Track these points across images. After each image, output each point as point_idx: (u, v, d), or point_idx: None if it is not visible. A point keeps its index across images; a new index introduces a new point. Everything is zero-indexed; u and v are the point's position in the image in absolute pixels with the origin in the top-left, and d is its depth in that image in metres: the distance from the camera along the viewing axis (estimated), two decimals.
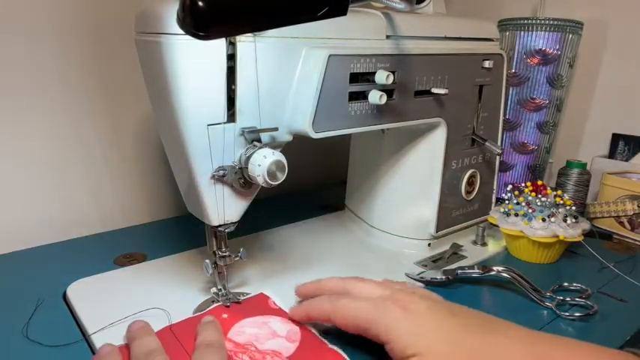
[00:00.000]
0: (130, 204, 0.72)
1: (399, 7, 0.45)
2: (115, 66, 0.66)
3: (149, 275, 0.53)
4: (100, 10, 0.63)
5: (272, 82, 0.42)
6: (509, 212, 0.58)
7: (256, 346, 0.40)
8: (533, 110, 0.75)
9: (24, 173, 0.62)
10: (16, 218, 0.63)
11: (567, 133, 0.88)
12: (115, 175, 0.70)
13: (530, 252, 0.58)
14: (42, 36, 0.60)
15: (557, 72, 0.73)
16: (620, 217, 0.69)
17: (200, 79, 0.38)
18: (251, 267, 0.54)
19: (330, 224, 0.68)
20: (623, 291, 0.52)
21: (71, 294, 0.48)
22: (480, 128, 0.62)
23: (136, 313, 0.44)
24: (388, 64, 0.49)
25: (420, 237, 0.61)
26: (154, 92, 0.42)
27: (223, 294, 0.46)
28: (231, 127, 0.41)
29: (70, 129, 0.64)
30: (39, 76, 0.61)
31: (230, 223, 0.45)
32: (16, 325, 0.44)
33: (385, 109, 0.50)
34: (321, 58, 0.43)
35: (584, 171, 0.73)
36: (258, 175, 0.40)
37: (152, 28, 0.38)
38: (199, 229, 0.46)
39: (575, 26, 0.72)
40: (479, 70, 0.59)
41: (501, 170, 0.79)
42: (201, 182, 0.41)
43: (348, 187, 0.70)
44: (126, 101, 0.68)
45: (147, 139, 0.71)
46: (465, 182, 0.62)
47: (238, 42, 0.39)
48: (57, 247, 0.61)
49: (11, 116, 0.60)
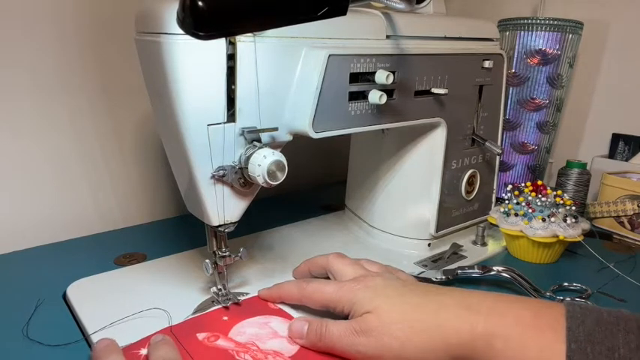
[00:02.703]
0: (130, 204, 0.72)
1: (399, 7, 0.45)
2: (115, 66, 0.66)
3: (149, 275, 0.53)
4: (100, 10, 0.63)
5: (272, 82, 0.42)
6: (509, 212, 0.58)
7: (258, 346, 0.40)
8: (533, 110, 0.75)
9: (24, 173, 0.62)
10: (16, 218, 0.63)
11: (567, 133, 0.88)
12: (115, 175, 0.70)
13: (530, 252, 0.58)
14: (42, 36, 0.60)
15: (557, 72, 0.73)
16: (620, 217, 0.69)
17: (200, 79, 0.38)
18: (251, 267, 0.54)
19: (330, 224, 0.68)
20: (623, 291, 0.52)
21: (71, 294, 0.48)
22: (479, 128, 0.62)
23: (136, 313, 0.44)
24: (388, 64, 0.49)
25: (420, 237, 0.61)
26: (154, 92, 0.42)
27: (223, 294, 0.46)
28: (231, 127, 0.41)
29: (70, 129, 0.64)
30: (39, 76, 0.61)
31: (230, 223, 0.45)
32: (16, 325, 0.44)
33: (385, 109, 0.50)
34: (321, 58, 0.43)
35: (584, 171, 0.73)
36: (258, 175, 0.40)
37: (152, 28, 0.38)
38: (199, 229, 0.46)
39: (575, 26, 0.72)
40: (479, 70, 0.59)
41: (501, 170, 0.79)
42: (201, 182, 0.41)
43: (348, 187, 0.70)
44: (126, 101, 0.68)
45: (147, 139, 0.71)
46: (465, 182, 0.62)
47: (238, 42, 0.39)
48: (57, 247, 0.61)
49: (11, 116, 0.60)
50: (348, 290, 0.41)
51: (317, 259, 0.48)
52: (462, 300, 0.38)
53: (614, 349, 0.31)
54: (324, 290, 0.43)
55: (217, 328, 0.42)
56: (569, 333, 0.33)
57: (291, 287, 0.46)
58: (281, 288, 0.47)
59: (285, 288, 0.46)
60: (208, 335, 0.41)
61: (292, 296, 0.46)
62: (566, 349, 0.32)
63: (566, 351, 0.32)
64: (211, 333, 0.41)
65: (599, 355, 0.31)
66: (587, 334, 0.32)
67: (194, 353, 0.39)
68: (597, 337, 0.32)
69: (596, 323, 0.33)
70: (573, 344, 0.32)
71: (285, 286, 0.47)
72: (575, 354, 0.32)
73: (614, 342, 0.32)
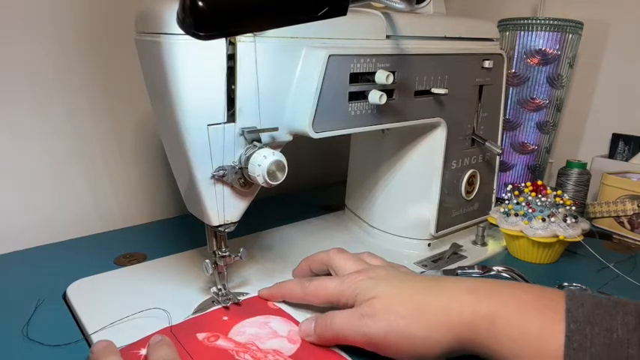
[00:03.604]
0: (130, 204, 0.72)
1: (399, 7, 0.45)
2: (115, 66, 0.66)
3: (149, 275, 0.53)
4: (100, 10, 0.63)
5: (272, 82, 0.42)
6: (509, 212, 0.58)
7: (258, 346, 0.40)
8: (533, 110, 0.75)
9: (24, 173, 0.62)
10: (16, 218, 0.63)
11: (567, 133, 0.88)
12: (115, 175, 0.70)
13: (530, 252, 0.58)
14: (42, 36, 0.60)
15: (557, 72, 0.73)
16: (620, 217, 0.69)
17: (200, 79, 0.38)
18: (251, 267, 0.54)
19: (330, 224, 0.68)
20: (623, 291, 0.52)
21: (71, 294, 0.48)
22: (479, 128, 0.62)
23: (136, 313, 0.44)
24: (388, 64, 0.49)
25: (419, 237, 0.61)
26: (154, 92, 0.42)
27: (223, 294, 0.46)
28: (231, 127, 0.41)
29: (70, 129, 0.64)
30: (39, 76, 0.61)
31: (230, 223, 0.45)
32: (16, 325, 0.44)
33: (385, 109, 0.50)
34: (321, 58, 0.43)
35: (584, 171, 0.73)
36: (258, 175, 0.40)
37: (152, 28, 0.38)
38: (199, 229, 0.46)
39: (575, 26, 0.72)
40: (479, 70, 0.59)
41: (501, 170, 0.79)
42: (201, 182, 0.41)
43: (348, 187, 0.70)
44: (126, 101, 0.68)
45: (147, 139, 0.71)
46: (465, 182, 0.62)
47: (238, 42, 0.39)
48: (57, 247, 0.61)
49: (11, 116, 0.60)
50: (351, 282, 0.42)
51: (317, 255, 0.48)
52: (465, 285, 0.39)
53: (612, 330, 0.32)
54: (326, 285, 0.43)
55: (217, 328, 0.42)
56: (569, 314, 0.33)
57: (294, 285, 0.46)
58: (283, 287, 0.47)
59: (287, 286, 0.46)
60: (208, 335, 0.41)
61: (295, 294, 0.45)
62: (565, 328, 0.33)
63: (565, 330, 0.33)
64: (211, 333, 0.41)
65: (598, 336, 0.32)
66: (586, 315, 0.33)
67: (194, 353, 0.39)
68: (596, 319, 0.33)
69: (595, 306, 0.34)
70: (572, 324, 0.33)
71: (287, 284, 0.47)
72: (575, 334, 0.32)
73: (613, 323, 0.32)
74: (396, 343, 0.38)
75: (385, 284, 0.40)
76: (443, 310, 0.37)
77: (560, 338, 0.33)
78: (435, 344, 0.37)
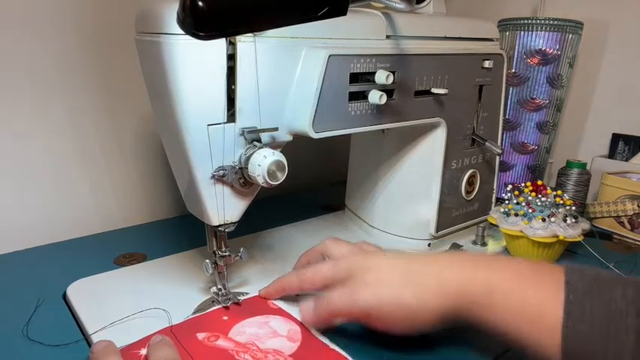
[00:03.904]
0: (130, 204, 0.72)
1: (399, 7, 0.45)
2: (115, 66, 0.66)
3: (149, 275, 0.53)
4: (100, 10, 0.63)
5: (272, 82, 0.42)
6: (509, 212, 0.58)
7: (258, 346, 0.40)
8: (533, 110, 0.75)
9: (24, 173, 0.62)
10: (16, 218, 0.63)
11: (567, 133, 0.88)
12: (115, 175, 0.70)
13: (530, 252, 0.58)
14: (42, 36, 0.60)
15: (557, 72, 0.73)
16: (620, 217, 0.69)
17: (200, 79, 0.38)
18: (251, 267, 0.54)
19: (330, 224, 0.68)
20: None
21: (71, 294, 0.48)
22: (479, 128, 0.62)
23: (136, 313, 0.44)
24: (388, 64, 0.49)
25: (420, 237, 0.61)
26: (154, 92, 0.42)
27: (223, 294, 0.46)
28: (231, 127, 0.41)
29: (70, 129, 0.64)
30: (39, 76, 0.61)
31: (230, 223, 0.45)
32: (16, 325, 0.44)
33: (385, 109, 0.50)
34: (321, 58, 0.43)
35: (584, 171, 0.73)
36: (258, 175, 0.40)
37: (152, 28, 0.38)
38: (199, 229, 0.46)
39: (575, 26, 0.72)
40: (479, 70, 0.59)
41: (501, 170, 0.79)
42: (201, 182, 0.41)
43: (348, 187, 0.70)
44: (126, 101, 0.68)
45: (147, 139, 0.71)
46: (465, 182, 0.62)
47: (238, 42, 0.39)
48: (57, 247, 0.61)
49: (11, 116, 0.60)
50: (345, 260, 0.43)
51: (314, 247, 0.49)
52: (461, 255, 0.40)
53: (610, 301, 0.32)
54: (321, 269, 0.43)
55: (217, 328, 0.42)
56: (568, 286, 0.33)
57: (290, 277, 0.46)
58: (280, 281, 0.47)
59: (284, 280, 0.47)
60: (208, 335, 0.41)
61: (292, 285, 0.46)
62: (565, 299, 0.33)
63: (564, 301, 0.33)
64: (211, 333, 0.41)
65: (597, 307, 0.32)
66: (585, 287, 0.33)
67: (194, 353, 0.39)
68: (595, 291, 0.33)
69: (594, 278, 0.34)
70: (572, 295, 0.33)
71: (284, 278, 0.47)
72: (574, 305, 0.32)
73: (612, 295, 0.32)
74: (391, 312, 0.38)
75: (379, 258, 0.41)
76: (439, 277, 0.37)
77: (559, 309, 0.33)
78: (431, 312, 0.37)
